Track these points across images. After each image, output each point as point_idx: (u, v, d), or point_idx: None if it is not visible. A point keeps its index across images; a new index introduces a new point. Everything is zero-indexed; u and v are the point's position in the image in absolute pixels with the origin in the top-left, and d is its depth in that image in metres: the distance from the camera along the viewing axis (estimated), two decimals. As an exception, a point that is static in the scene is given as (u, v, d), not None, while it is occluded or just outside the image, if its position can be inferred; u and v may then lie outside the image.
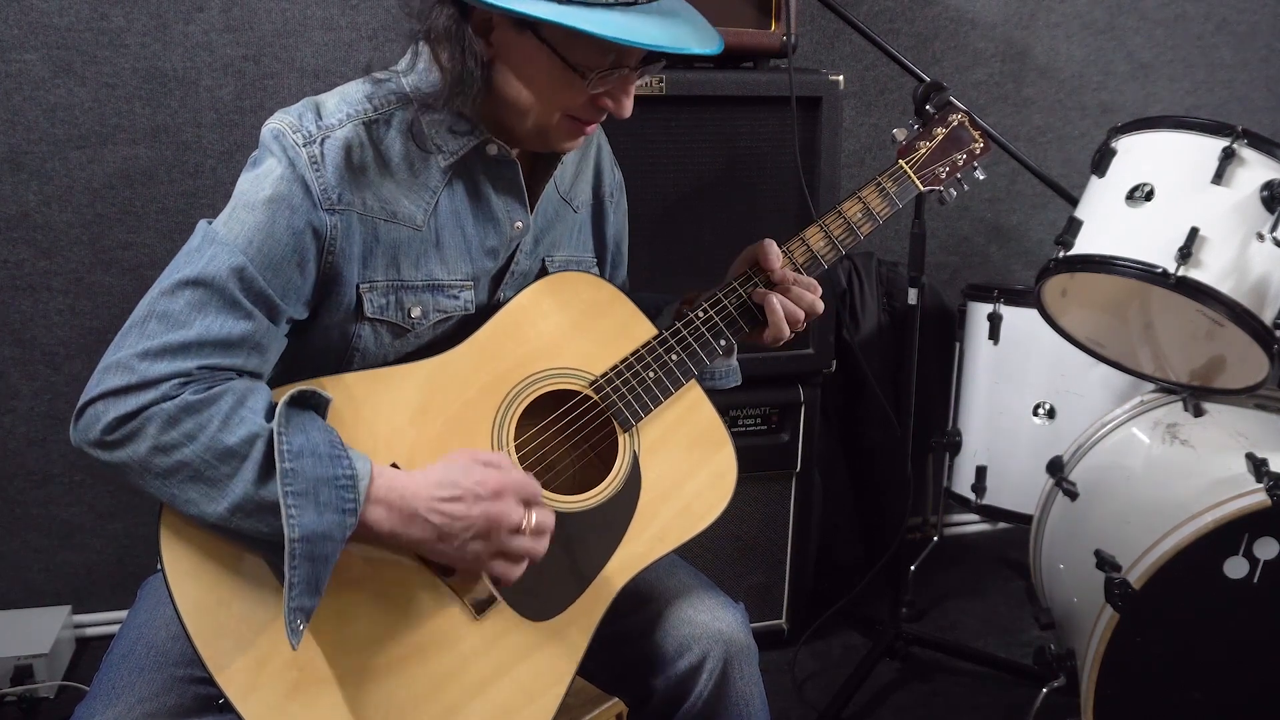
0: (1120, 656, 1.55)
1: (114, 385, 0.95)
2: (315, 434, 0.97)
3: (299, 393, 0.99)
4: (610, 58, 1.05)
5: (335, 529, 0.95)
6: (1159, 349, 1.96)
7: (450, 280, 1.16)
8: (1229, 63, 2.81)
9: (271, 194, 1.03)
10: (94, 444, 0.96)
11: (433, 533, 1.00)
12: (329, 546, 0.95)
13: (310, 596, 0.94)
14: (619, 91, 1.10)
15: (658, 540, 1.15)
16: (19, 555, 2.18)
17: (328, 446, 0.97)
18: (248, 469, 0.94)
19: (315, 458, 0.95)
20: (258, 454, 0.95)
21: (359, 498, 0.96)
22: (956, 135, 1.38)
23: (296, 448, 0.95)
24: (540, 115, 1.09)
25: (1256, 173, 1.59)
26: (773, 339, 1.25)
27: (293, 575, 0.92)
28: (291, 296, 1.05)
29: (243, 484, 0.94)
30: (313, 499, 0.94)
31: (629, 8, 1.02)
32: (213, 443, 0.94)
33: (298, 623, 0.94)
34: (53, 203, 2.04)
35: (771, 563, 2.14)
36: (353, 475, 0.97)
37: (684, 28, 1.07)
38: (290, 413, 0.97)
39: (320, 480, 0.95)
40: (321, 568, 0.95)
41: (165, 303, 0.99)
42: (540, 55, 1.05)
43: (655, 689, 1.17)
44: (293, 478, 0.94)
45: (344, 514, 0.95)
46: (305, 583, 0.93)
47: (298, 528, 0.92)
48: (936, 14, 2.55)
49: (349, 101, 1.10)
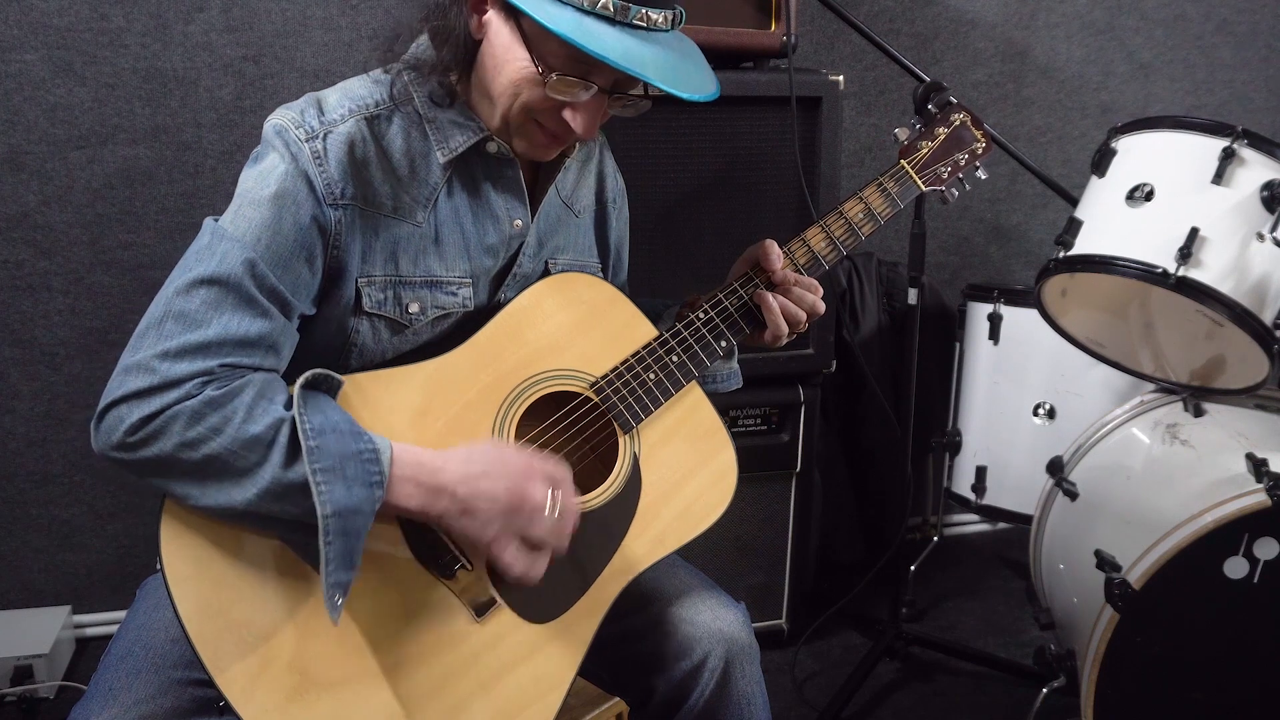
0: (1120, 656, 1.56)
1: (136, 387, 0.95)
2: (333, 413, 0.99)
3: (312, 375, 1.00)
4: (578, 67, 1.04)
5: (365, 503, 0.96)
6: (1159, 349, 1.96)
7: (448, 277, 1.16)
8: (1229, 63, 2.82)
9: (277, 190, 1.03)
10: (118, 446, 0.95)
11: (458, 506, 1.00)
12: (360, 520, 0.95)
13: (346, 571, 0.95)
14: (584, 109, 1.08)
15: (658, 542, 1.15)
16: (19, 555, 2.18)
17: (347, 424, 0.99)
18: (275, 454, 0.95)
19: (337, 434, 0.97)
20: (283, 438, 0.96)
21: (384, 470, 0.97)
22: (959, 135, 1.38)
23: (318, 426, 0.96)
24: (505, 108, 1.10)
25: (1256, 173, 1.59)
26: (772, 339, 1.25)
27: (328, 551, 0.93)
28: (302, 292, 1.06)
29: (271, 469, 0.95)
30: (340, 474, 0.95)
31: (623, 26, 1.02)
32: (239, 433, 0.95)
33: (336, 598, 0.95)
34: (53, 203, 2.04)
35: (771, 563, 2.14)
36: (375, 449, 0.98)
37: (671, 60, 1.05)
38: (307, 395, 0.99)
39: (345, 455, 0.96)
40: (355, 542, 0.95)
41: (181, 302, 0.99)
42: (515, 46, 1.06)
43: (656, 689, 1.17)
44: (319, 455, 0.95)
45: (371, 487, 0.96)
46: (341, 557, 0.94)
47: (329, 503, 0.93)
48: (936, 14, 2.55)
49: (351, 97, 1.11)
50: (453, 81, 1.13)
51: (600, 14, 1.01)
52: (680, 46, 1.09)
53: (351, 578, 0.96)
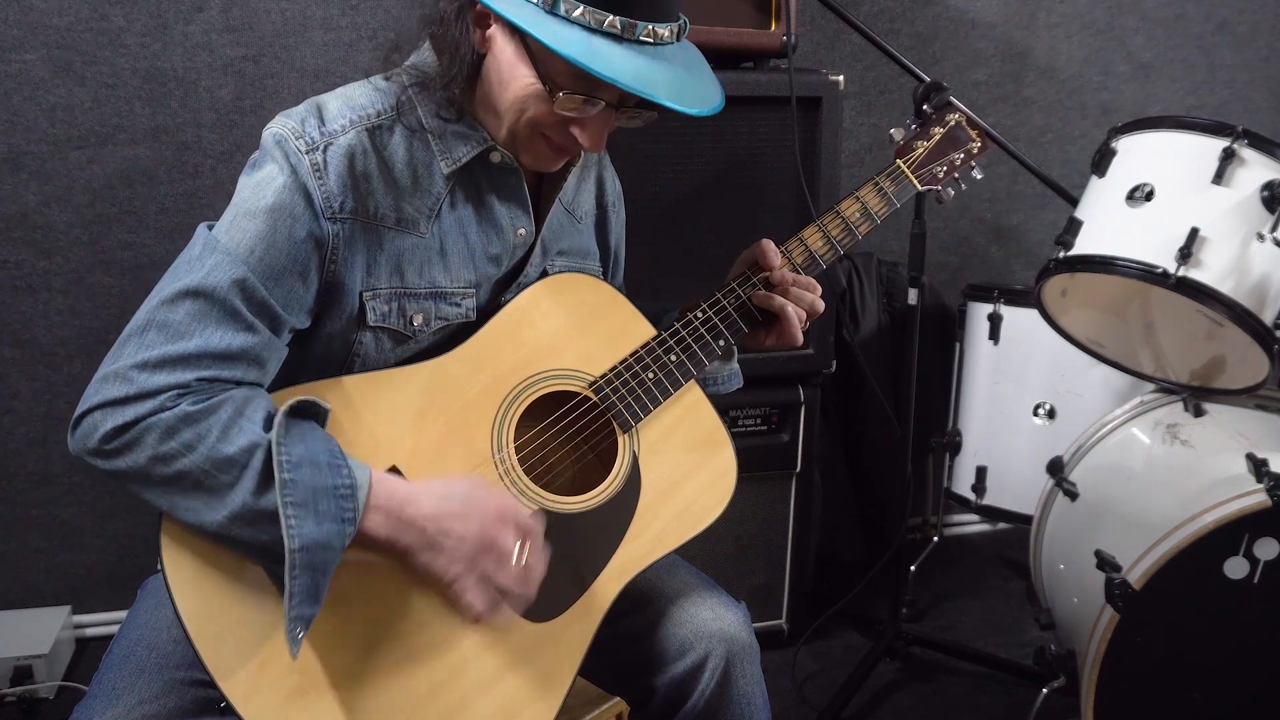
0: (1120, 656, 1.55)
1: (111, 396, 0.95)
2: (315, 444, 0.97)
3: (298, 403, 0.99)
4: (585, 84, 1.03)
5: (334, 538, 0.95)
6: (1159, 349, 1.96)
7: (453, 287, 1.15)
8: (1229, 63, 2.81)
9: (273, 203, 1.02)
10: (92, 453, 0.96)
11: (425, 541, 1.00)
12: (328, 555, 0.95)
13: (310, 605, 0.94)
14: (592, 124, 1.08)
15: (657, 541, 1.15)
16: (19, 555, 2.18)
17: (327, 455, 0.97)
18: (247, 479, 0.94)
19: (314, 467, 0.95)
20: (257, 463, 0.95)
21: (358, 507, 0.96)
22: (954, 135, 1.39)
23: (296, 458, 0.95)
24: (512, 123, 1.09)
25: (1256, 173, 1.58)
26: (776, 341, 1.25)
27: (293, 585, 0.92)
28: (294, 306, 1.05)
29: (242, 494, 0.94)
30: (312, 509, 0.94)
31: (630, 44, 1.01)
32: (212, 453, 0.94)
33: (298, 631, 0.94)
34: (53, 203, 2.04)
35: (771, 563, 2.14)
36: (352, 485, 0.96)
37: (678, 76, 1.04)
38: (290, 423, 0.97)
39: (320, 490, 0.95)
40: (321, 577, 0.94)
41: (165, 313, 0.98)
42: (521, 62, 1.05)
43: (656, 689, 1.17)
44: (292, 488, 0.93)
45: (343, 523, 0.95)
46: (305, 592, 0.93)
47: (297, 538, 0.92)
48: (936, 14, 2.55)
49: (353, 106, 1.09)
50: (457, 94, 1.12)
51: (607, 32, 1.00)
52: (685, 58, 1.09)
53: (315, 611, 0.95)
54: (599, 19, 0.99)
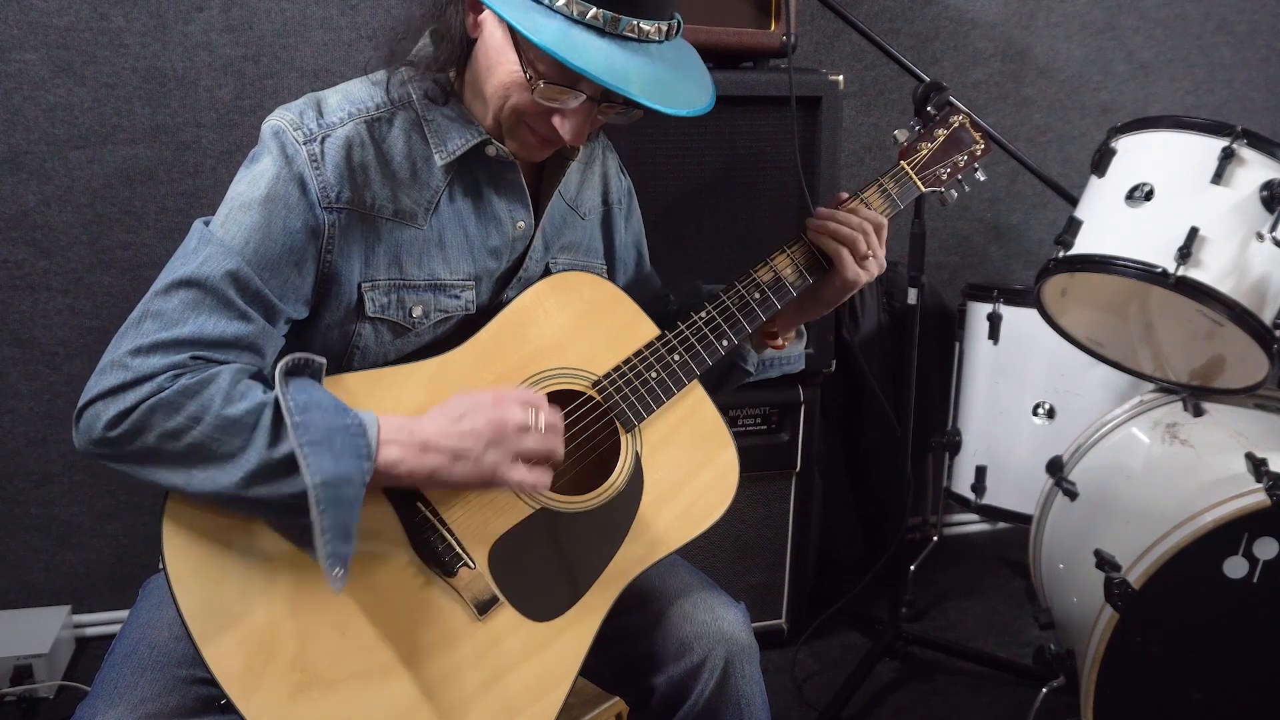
0: (1120, 656, 1.56)
1: (110, 384, 0.96)
2: (317, 393, 0.99)
3: (293, 360, 1.00)
4: (565, 75, 1.03)
5: (354, 474, 0.95)
6: (1159, 349, 1.96)
7: (452, 280, 1.16)
8: (1229, 63, 2.82)
9: (267, 193, 1.03)
10: (97, 443, 0.96)
11: (448, 455, 1.00)
12: (351, 491, 0.95)
13: (344, 542, 0.94)
14: (572, 115, 1.08)
15: (659, 541, 1.15)
16: (19, 555, 2.18)
17: (331, 402, 0.99)
18: (259, 436, 0.95)
19: (322, 410, 0.97)
20: (266, 421, 0.96)
21: (370, 443, 0.97)
22: (958, 137, 1.39)
23: (302, 403, 0.96)
24: (495, 108, 1.10)
25: (1256, 173, 1.59)
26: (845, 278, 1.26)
27: (322, 520, 0.92)
28: (290, 296, 1.06)
29: (256, 450, 0.95)
30: (327, 446, 0.94)
31: (613, 38, 1.00)
32: (219, 420, 0.95)
33: (336, 570, 0.93)
34: (53, 203, 2.04)
35: (771, 563, 2.14)
36: (361, 423, 0.98)
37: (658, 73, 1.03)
38: (289, 378, 0.99)
39: (332, 429, 0.96)
40: (348, 512, 0.95)
41: (159, 303, 1.00)
42: (508, 49, 1.06)
43: (656, 688, 1.17)
44: (304, 429, 0.94)
45: (359, 459, 0.96)
46: (336, 528, 0.93)
47: (318, 473, 0.93)
48: (936, 14, 2.55)
49: (351, 99, 1.11)
50: (449, 78, 1.13)
51: (589, 24, 1.00)
52: (675, 57, 1.08)
53: (350, 550, 0.95)
54: (582, 10, 0.99)
